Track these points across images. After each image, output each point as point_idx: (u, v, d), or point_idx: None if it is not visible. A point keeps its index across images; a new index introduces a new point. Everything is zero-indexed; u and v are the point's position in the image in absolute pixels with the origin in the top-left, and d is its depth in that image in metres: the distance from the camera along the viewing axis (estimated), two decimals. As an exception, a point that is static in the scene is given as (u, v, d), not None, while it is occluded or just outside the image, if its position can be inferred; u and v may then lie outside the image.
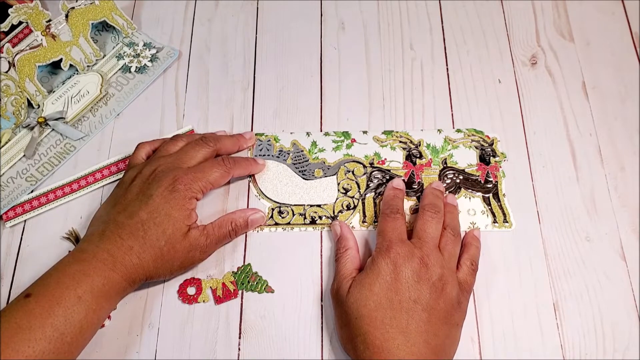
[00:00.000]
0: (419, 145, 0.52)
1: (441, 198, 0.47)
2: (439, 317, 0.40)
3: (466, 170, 0.50)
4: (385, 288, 0.40)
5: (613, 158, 0.50)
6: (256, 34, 0.59)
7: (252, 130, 0.54)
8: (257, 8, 0.61)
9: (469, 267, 0.44)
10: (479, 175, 0.50)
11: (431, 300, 0.40)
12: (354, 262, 0.45)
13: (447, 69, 0.56)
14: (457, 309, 0.41)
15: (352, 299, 0.41)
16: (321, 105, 0.55)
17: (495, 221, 0.48)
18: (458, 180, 0.50)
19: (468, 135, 0.52)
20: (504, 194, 0.49)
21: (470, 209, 0.49)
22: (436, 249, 0.43)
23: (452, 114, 0.53)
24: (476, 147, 0.51)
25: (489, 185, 0.50)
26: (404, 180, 0.50)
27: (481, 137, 0.52)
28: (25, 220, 0.51)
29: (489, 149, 0.51)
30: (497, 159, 0.51)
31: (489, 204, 0.49)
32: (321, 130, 0.53)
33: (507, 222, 0.48)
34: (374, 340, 0.39)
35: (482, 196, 0.49)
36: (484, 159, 0.51)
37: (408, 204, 0.49)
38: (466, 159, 0.51)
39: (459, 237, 0.45)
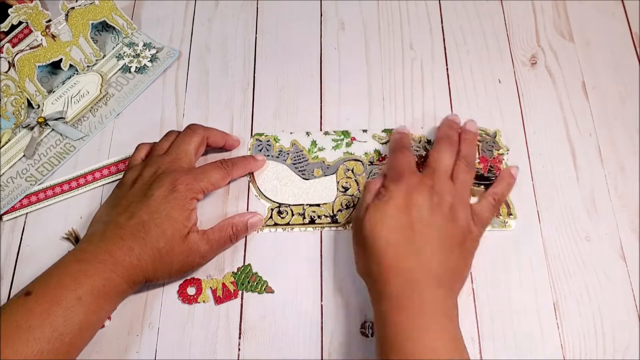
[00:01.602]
0: (420, 141, 0.52)
1: (456, 129, 0.48)
2: (452, 241, 0.41)
3: None
4: (399, 211, 0.41)
5: (613, 158, 0.50)
6: (256, 34, 0.59)
7: (252, 130, 0.54)
8: (257, 8, 0.61)
9: (489, 202, 0.45)
10: (481, 168, 0.50)
11: (443, 225, 0.41)
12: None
13: (447, 69, 0.56)
14: (469, 237, 0.42)
15: (367, 223, 0.42)
16: (321, 105, 0.55)
17: (499, 214, 0.48)
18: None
19: None
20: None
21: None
22: (448, 178, 0.44)
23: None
24: (479, 141, 0.51)
25: (492, 178, 0.49)
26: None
27: (483, 130, 0.52)
28: (26, 214, 0.51)
29: (492, 142, 0.51)
30: (500, 151, 0.51)
31: None
32: (321, 130, 0.53)
33: (511, 214, 0.48)
34: (388, 261, 0.40)
35: (485, 189, 0.49)
36: (486, 152, 0.51)
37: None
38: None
39: (472, 166, 0.46)
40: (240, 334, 0.45)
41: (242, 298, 0.47)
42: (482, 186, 0.49)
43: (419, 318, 0.37)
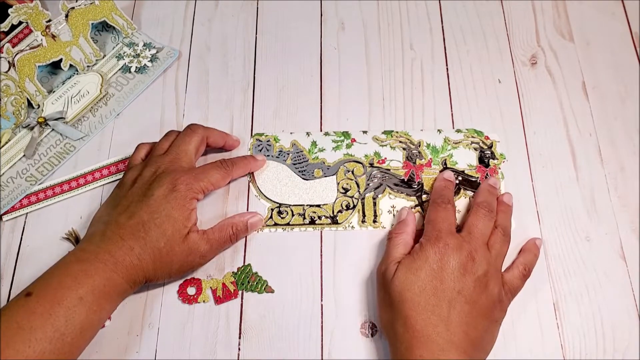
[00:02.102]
0: (419, 145, 0.52)
1: (495, 195, 0.47)
2: (480, 311, 0.40)
3: (466, 171, 0.50)
4: (431, 275, 0.41)
5: (613, 158, 0.50)
6: (256, 34, 0.59)
7: (252, 130, 0.54)
8: (257, 8, 0.61)
9: (520, 271, 0.44)
10: (478, 177, 0.50)
11: (474, 294, 0.40)
12: (406, 247, 0.44)
13: (447, 69, 0.56)
14: (498, 307, 0.42)
15: (397, 282, 0.41)
16: (321, 105, 0.55)
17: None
18: (457, 182, 0.50)
19: (468, 137, 0.52)
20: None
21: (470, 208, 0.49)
22: (484, 245, 0.43)
23: (452, 114, 0.53)
24: (475, 149, 0.51)
25: None
26: (453, 172, 0.50)
27: (480, 139, 0.52)
28: (26, 214, 0.51)
29: (488, 152, 0.51)
30: (496, 161, 0.51)
31: None
32: (321, 130, 0.53)
33: None
34: (414, 325, 0.39)
35: None
36: (483, 162, 0.51)
37: (408, 203, 0.49)
38: (466, 159, 0.51)
39: (508, 237, 0.45)
40: (240, 334, 0.45)
41: (242, 298, 0.47)
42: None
43: None
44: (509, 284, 0.43)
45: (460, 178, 0.50)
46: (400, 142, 0.52)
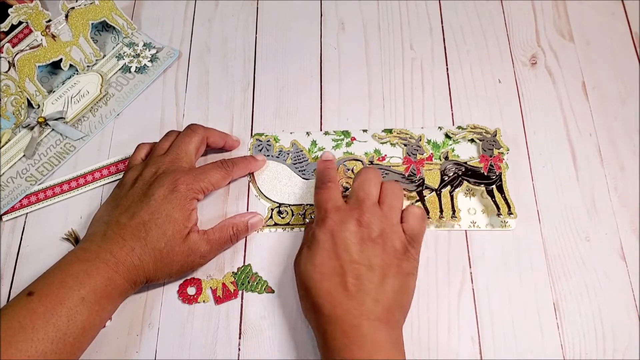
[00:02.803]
0: (420, 140, 0.52)
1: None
2: (385, 272, 0.40)
3: (468, 162, 0.50)
4: (327, 257, 0.41)
5: (613, 158, 0.50)
6: (256, 34, 0.59)
7: (252, 130, 0.54)
8: (257, 8, 0.61)
9: (415, 215, 0.44)
10: (481, 167, 0.50)
11: (373, 257, 0.40)
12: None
13: (447, 69, 0.56)
14: (405, 259, 0.41)
15: (299, 273, 0.42)
16: (321, 105, 0.55)
17: (499, 213, 0.48)
18: (460, 173, 0.50)
19: (471, 129, 0.52)
20: (507, 187, 0.49)
21: (470, 207, 0.49)
22: (374, 205, 0.43)
23: (452, 114, 0.53)
24: (479, 140, 0.51)
25: (492, 177, 0.49)
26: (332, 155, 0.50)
27: (483, 129, 0.52)
28: (26, 214, 0.51)
29: (492, 140, 0.51)
30: (500, 150, 0.51)
31: (493, 196, 0.48)
32: (321, 130, 0.53)
33: (511, 213, 0.48)
34: (323, 310, 0.39)
35: (486, 188, 0.49)
36: (486, 150, 0.51)
37: (407, 202, 0.49)
38: (468, 152, 0.51)
39: (398, 191, 0.45)
40: (240, 334, 0.45)
41: (242, 298, 0.47)
42: (482, 185, 0.49)
43: None
44: (409, 231, 0.43)
45: (463, 169, 0.50)
46: (400, 138, 0.52)
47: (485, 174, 0.50)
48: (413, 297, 0.42)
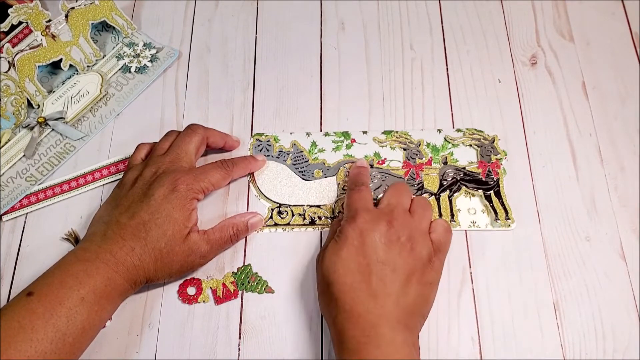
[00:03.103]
0: (419, 144, 0.52)
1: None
2: (409, 277, 0.40)
3: (467, 168, 0.50)
4: (353, 253, 0.41)
5: (613, 158, 0.50)
6: (256, 34, 0.59)
7: (252, 130, 0.54)
8: (257, 8, 0.61)
9: (442, 226, 0.44)
10: (479, 173, 0.50)
11: (400, 260, 0.40)
12: None
13: (447, 69, 0.56)
14: (429, 268, 0.42)
15: (324, 266, 0.42)
16: (321, 105, 0.55)
17: (497, 218, 0.48)
18: (459, 178, 0.50)
19: (469, 135, 0.52)
20: (504, 192, 0.49)
21: (470, 207, 0.49)
22: (405, 212, 0.43)
23: (452, 114, 0.53)
24: (477, 146, 0.51)
25: (490, 183, 0.50)
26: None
27: (481, 135, 0.52)
28: (26, 214, 0.51)
29: (490, 147, 0.51)
30: (498, 156, 0.51)
31: (491, 201, 0.49)
32: (321, 130, 0.53)
33: (509, 218, 0.48)
34: (344, 305, 0.39)
35: (484, 193, 0.49)
36: (484, 157, 0.51)
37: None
38: (467, 156, 0.51)
39: (429, 206, 0.45)
40: (240, 334, 0.45)
41: (242, 298, 0.47)
42: (480, 190, 0.49)
43: None
44: (436, 241, 0.43)
45: (461, 174, 0.50)
46: (400, 142, 0.52)
47: (483, 179, 0.50)
48: (432, 307, 0.42)
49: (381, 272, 0.40)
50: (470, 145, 0.52)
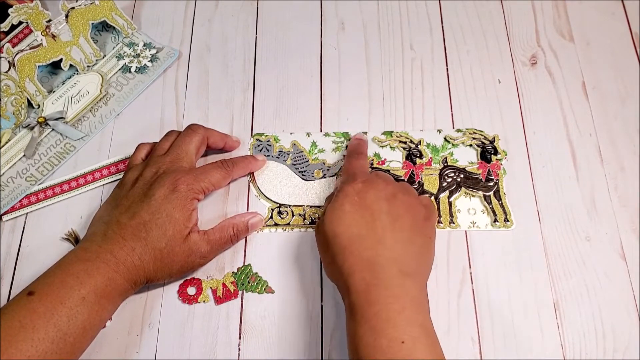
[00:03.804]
0: (419, 144, 0.52)
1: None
2: (412, 227, 0.41)
3: (467, 168, 0.50)
4: (356, 205, 0.41)
5: (613, 158, 0.50)
6: (256, 34, 0.59)
7: (252, 130, 0.54)
8: (257, 8, 0.61)
9: (428, 198, 0.47)
10: (479, 174, 0.50)
11: (402, 213, 0.41)
12: None
13: (447, 69, 0.56)
14: (427, 223, 0.43)
15: (327, 221, 0.42)
16: (321, 105, 0.55)
17: (496, 220, 0.48)
18: (459, 179, 0.50)
19: (469, 134, 0.52)
20: (504, 193, 0.49)
21: (470, 208, 0.49)
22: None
23: (452, 114, 0.53)
24: (477, 145, 0.51)
25: (490, 184, 0.50)
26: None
27: (482, 135, 0.52)
28: (26, 214, 0.51)
29: (490, 147, 0.51)
30: (498, 156, 0.51)
31: (490, 203, 0.49)
32: (321, 131, 0.53)
33: (508, 220, 0.48)
34: (352, 253, 0.40)
35: (483, 195, 0.49)
36: (485, 157, 0.51)
37: None
38: (467, 157, 0.51)
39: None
40: (240, 334, 0.45)
41: (242, 298, 0.47)
42: (480, 192, 0.49)
43: (388, 311, 0.37)
44: (424, 200, 0.45)
45: (461, 176, 0.50)
46: (400, 141, 0.52)
47: (483, 180, 0.50)
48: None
49: (386, 221, 0.41)
50: (471, 145, 0.52)
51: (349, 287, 0.39)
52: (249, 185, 0.51)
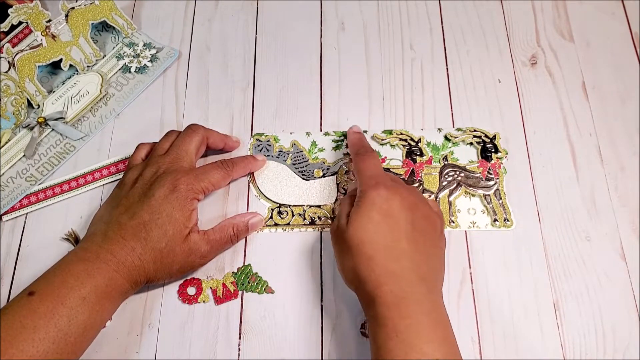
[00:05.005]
0: (419, 142, 0.52)
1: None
2: (433, 240, 0.42)
3: (467, 167, 0.50)
4: (383, 214, 0.41)
5: (613, 158, 0.51)
6: (256, 34, 0.59)
7: (252, 130, 0.54)
8: (257, 8, 0.61)
9: (435, 203, 0.48)
10: (480, 172, 0.50)
11: (424, 225, 0.42)
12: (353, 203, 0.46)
13: (447, 69, 0.56)
14: (442, 237, 0.44)
15: (352, 228, 0.41)
16: (321, 105, 0.55)
17: (496, 220, 0.48)
18: (459, 178, 0.50)
19: (470, 132, 0.52)
20: (504, 192, 0.49)
21: (470, 208, 0.49)
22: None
23: (452, 114, 0.53)
24: (478, 143, 0.51)
25: (490, 183, 0.50)
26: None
27: (482, 133, 0.52)
28: (26, 214, 0.51)
29: (491, 145, 0.51)
30: (498, 154, 0.51)
31: (490, 202, 0.49)
32: (321, 130, 0.53)
33: (508, 220, 0.48)
34: (378, 263, 0.39)
35: (483, 194, 0.49)
36: (485, 155, 0.51)
37: None
38: (467, 155, 0.51)
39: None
40: (240, 334, 0.45)
41: (242, 298, 0.47)
42: (480, 190, 0.49)
43: (418, 324, 0.37)
44: (435, 207, 0.46)
45: (462, 175, 0.50)
46: (400, 139, 0.52)
47: (484, 179, 0.50)
48: None
49: (411, 234, 0.40)
50: (471, 143, 0.51)
51: (375, 299, 0.38)
52: (249, 185, 0.51)
